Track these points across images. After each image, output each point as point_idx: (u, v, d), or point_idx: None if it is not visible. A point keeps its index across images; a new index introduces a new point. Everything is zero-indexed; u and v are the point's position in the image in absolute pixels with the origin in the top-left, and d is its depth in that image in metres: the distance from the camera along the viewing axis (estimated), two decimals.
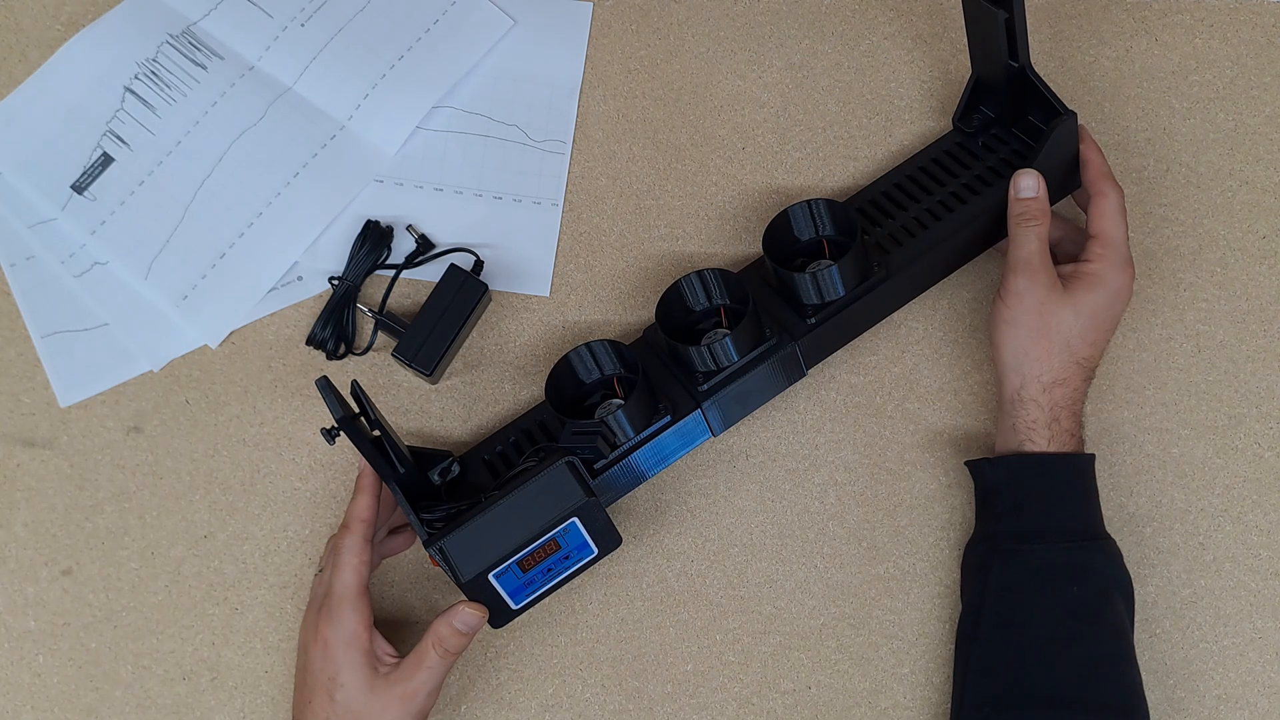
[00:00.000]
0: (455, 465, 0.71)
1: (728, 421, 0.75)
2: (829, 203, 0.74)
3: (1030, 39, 0.83)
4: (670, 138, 0.83)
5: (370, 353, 0.79)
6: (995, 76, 0.77)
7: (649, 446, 0.72)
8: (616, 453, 0.71)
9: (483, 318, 0.80)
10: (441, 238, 0.81)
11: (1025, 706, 0.68)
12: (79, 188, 0.80)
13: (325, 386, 0.67)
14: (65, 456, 0.78)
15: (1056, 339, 0.71)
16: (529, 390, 0.80)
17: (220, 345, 0.79)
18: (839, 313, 0.73)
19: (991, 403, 0.80)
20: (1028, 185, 0.73)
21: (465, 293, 0.77)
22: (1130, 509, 0.79)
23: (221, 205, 0.80)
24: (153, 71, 0.81)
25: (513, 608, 0.69)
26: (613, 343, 0.73)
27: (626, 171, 0.82)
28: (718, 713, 0.77)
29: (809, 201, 0.75)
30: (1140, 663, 0.71)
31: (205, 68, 0.81)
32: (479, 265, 0.79)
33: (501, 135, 0.82)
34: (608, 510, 0.71)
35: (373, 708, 0.66)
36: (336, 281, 0.79)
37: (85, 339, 0.79)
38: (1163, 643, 0.77)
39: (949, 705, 0.75)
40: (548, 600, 0.74)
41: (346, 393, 0.69)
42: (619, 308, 0.81)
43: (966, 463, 0.75)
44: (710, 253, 0.82)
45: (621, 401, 0.73)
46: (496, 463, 0.75)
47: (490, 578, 0.67)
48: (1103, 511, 0.73)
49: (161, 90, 0.81)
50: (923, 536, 0.79)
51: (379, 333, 0.78)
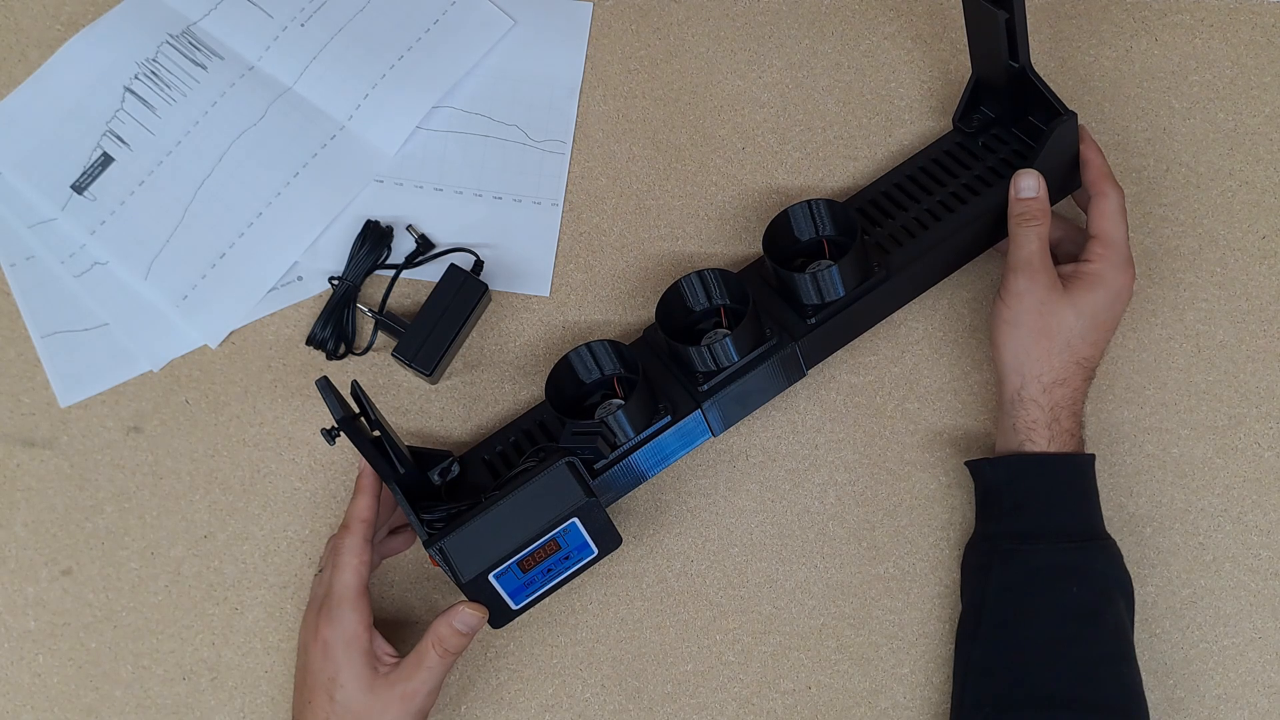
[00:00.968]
0: (455, 465, 0.71)
1: (728, 421, 0.75)
2: (829, 203, 0.74)
3: (1030, 39, 0.83)
4: (670, 138, 0.83)
5: (370, 353, 0.79)
6: (995, 77, 0.77)
7: (649, 447, 0.72)
8: (616, 453, 0.71)
9: (483, 318, 0.80)
10: (441, 238, 0.81)
11: (1025, 706, 0.68)
12: (79, 188, 0.80)
13: (325, 386, 0.66)
14: (65, 456, 0.78)
15: (1057, 339, 0.71)
16: (529, 390, 0.80)
17: (220, 345, 0.79)
18: (839, 313, 0.73)
19: (991, 403, 0.80)
20: (1028, 185, 0.73)
21: (465, 293, 0.77)
22: (1130, 509, 0.79)
23: (221, 205, 0.80)
24: (153, 71, 0.81)
25: (513, 608, 0.69)
26: (613, 343, 0.73)
27: (626, 171, 0.82)
28: (718, 713, 0.77)
29: (809, 202, 0.75)
30: (1140, 663, 0.71)
31: (205, 68, 0.81)
32: (479, 265, 0.79)
33: (501, 135, 0.82)
34: (608, 510, 0.71)
35: (373, 707, 0.67)
36: (336, 281, 0.79)
37: (85, 339, 0.79)
38: (1163, 643, 0.77)
39: (949, 705, 0.75)
40: (548, 600, 0.74)
41: (346, 393, 0.69)
42: (619, 308, 0.81)
43: (967, 463, 0.75)
44: (710, 252, 0.82)
45: (622, 401, 0.73)
46: (497, 463, 0.75)
47: (490, 578, 0.67)
48: (1103, 511, 0.73)
49: (161, 90, 0.81)
50: (923, 536, 0.79)
51: (379, 333, 0.78)
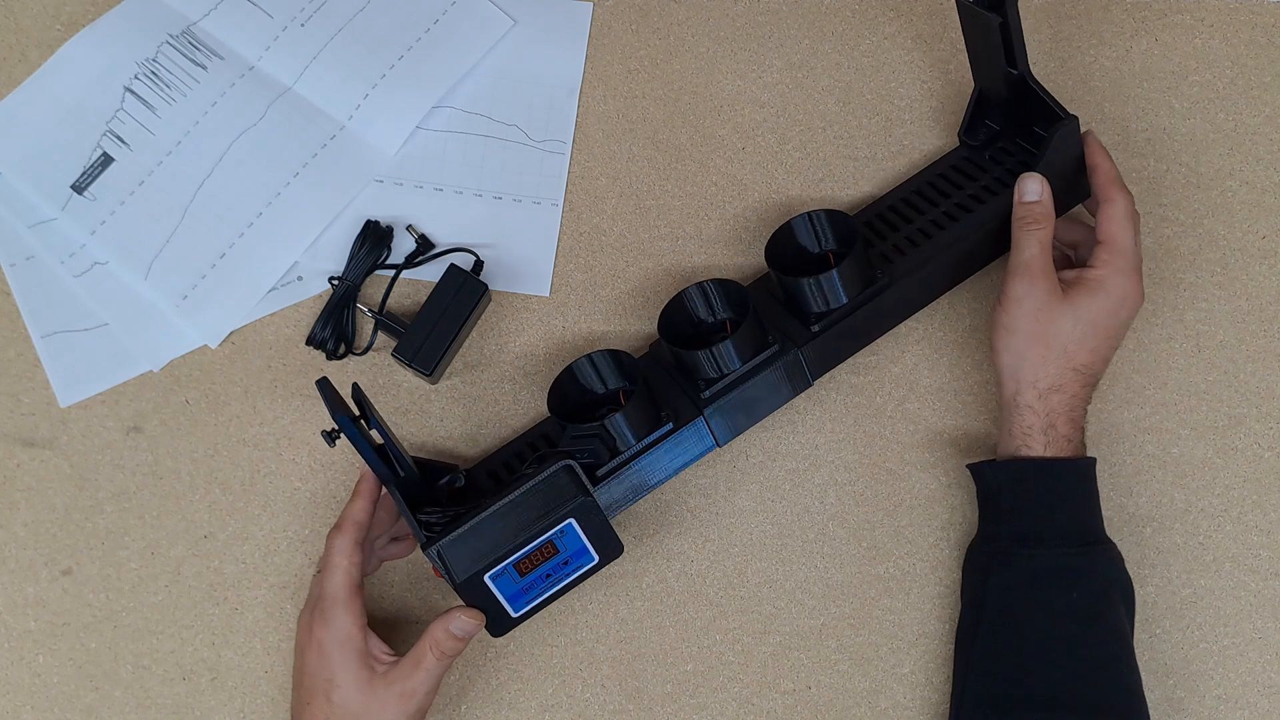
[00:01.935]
0: (461, 478, 0.71)
1: (734, 431, 0.74)
2: (829, 213, 0.74)
3: (1030, 40, 0.84)
4: (670, 138, 0.83)
5: (370, 353, 0.79)
6: (997, 87, 0.77)
7: (652, 455, 0.71)
8: (618, 460, 0.70)
9: (483, 318, 0.80)
10: (441, 238, 0.81)
11: (1025, 708, 0.68)
12: (79, 188, 0.80)
13: (325, 387, 0.66)
14: (65, 456, 0.78)
15: (1054, 345, 0.71)
16: (529, 390, 0.80)
17: (220, 345, 0.79)
18: (843, 320, 0.73)
19: (991, 403, 0.80)
20: (1031, 189, 0.73)
21: (465, 293, 0.77)
22: (1130, 509, 0.79)
23: (221, 205, 0.80)
24: (153, 71, 0.81)
25: (512, 615, 0.69)
26: (614, 352, 0.73)
27: (626, 171, 0.82)
28: (718, 713, 0.77)
29: (809, 213, 0.74)
30: (1140, 663, 0.71)
31: (205, 68, 0.81)
32: (479, 265, 0.79)
33: (501, 135, 0.82)
34: (614, 523, 0.70)
35: (370, 707, 0.67)
36: (336, 281, 0.79)
37: (85, 339, 0.79)
38: (1163, 643, 0.77)
39: (949, 705, 0.75)
40: None
41: (347, 395, 0.69)
42: (619, 308, 0.81)
43: (968, 465, 0.75)
44: (710, 252, 0.82)
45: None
46: (501, 473, 0.75)
47: (486, 580, 0.67)
48: (1103, 512, 0.73)
49: (161, 90, 0.81)
50: (923, 536, 0.79)
51: (379, 333, 0.78)
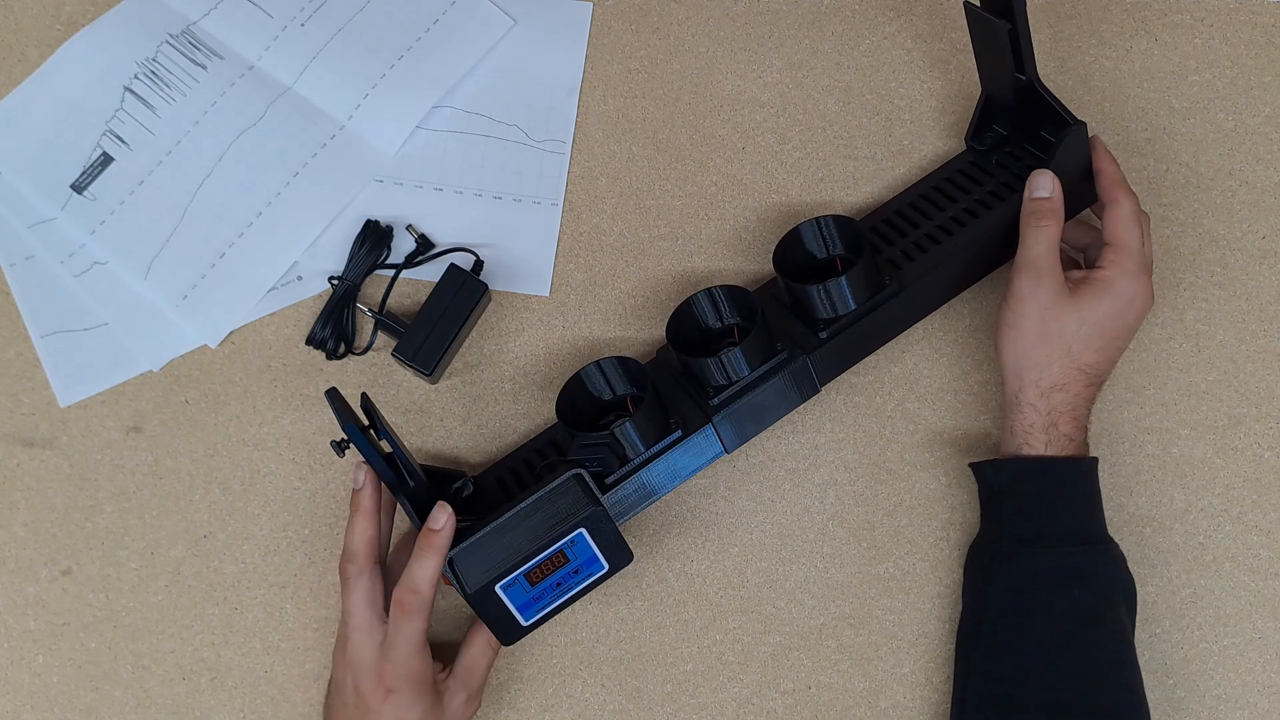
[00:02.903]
0: (469, 484, 0.71)
1: (741, 437, 0.73)
2: (836, 219, 0.74)
3: (1033, 44, 0.83)
4: (670, 138, 0.83)
5: (370, 353, 0.79)
6: (1004, 93, 0.77)
7: (661, 462, 0.71)
8: (627, 467, 0.70)
9: (483, 318, 0.80)
10: (441, 238, 0.81)
11: (1027, 710, 0.68)
12: (79, 187, 0.80)
13: (335, 398, 0.66)
14: (65, 456, 0.78)
15: (1058, 344, 0.71)
16: (529, 390, 0.80)
17: (220, 345, 0.79)
18: (851, 326, 0.73)
19: (992, 402, 0.80)
20: (1042, 185, 0.73)
21: (465, 293, 0.77)
22: (1130, 509, 0.79)
23: (221, 205, 0.80)
24: (152, 71, 0.81)
25: (523, 624, 0.69)
26: (621, 359, 0.73)
27: (626, 171, 0.82)
28: (718, 713, 0.77)
29: (817, 219, 0.74)
30: (1140, 663, 0.71)
31: (205, 67, 0.81)
32: (479, 265, 0.79)
33: (501, 135, 0.82)
34: (621, 530, 0.70)
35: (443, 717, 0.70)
36: (336, 281, 0.79)
37: (85, 339, 0.79)
38: (1163, 643, 0.77)
39: (948, 706, 0.75)
40: None
41: (354, 401, 0.69)
42: (619, 308, 0.81)
43: (970, 465, 0.75)
44: (710, 252, 0.82)
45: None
46: (509, 481, 0.75)
47: (497, 590, 0.67)
48: (1104, 512, 0.73)
49: (161, 90, 0.81)
50: (923, 536, 0.79)
51: (379, 333, 0.78)
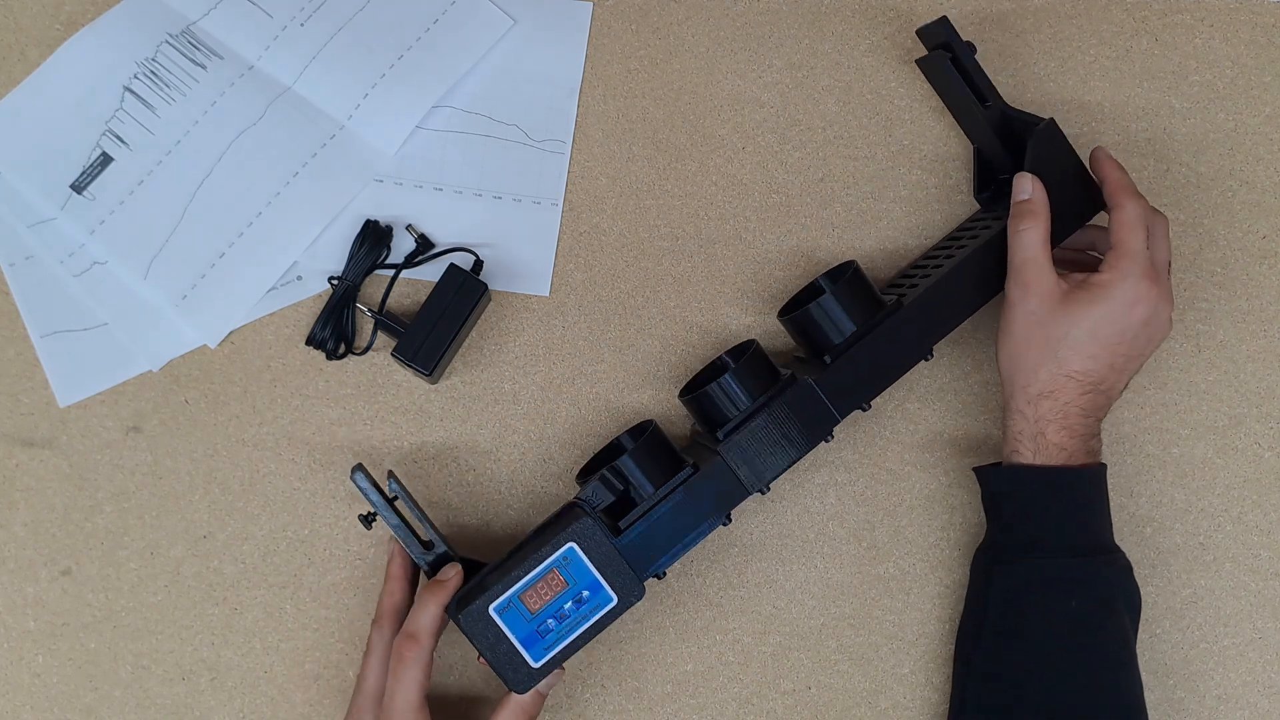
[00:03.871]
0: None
1: (760, 471, 0.70)
2: (830, 272, 0.75)
3: (1029, 40, 0.84)
4: (670, 138, 0.83)
5: (370, 353, 0.79)
6: (985, 132, 0.78)
7: (677, 503, 0.69)
8: (639, 509, 0.69)
9: (483, 318, 0.80)
10: (441, 238, 0.81)
11: (1024, 717, 0.68)
12: (78, 187, 0.79)
13: (362, 475, 0.69)
14: (64, 456, 0.78)
15: (1045, 350, 0.69)
16: (528, 390, 0.80)
17: (220, 345, 0.79)
18: (854, 345, 0.72)
19: (993, 403, 0.80)
20: (1022, 188, 0.72)
21: (465, 293, 0.77)
22: (1131, 509, 0.79)
23: (221, 205, 0.80)
24: (152, 71, 0.81)
25: (533, 666, 0.67)
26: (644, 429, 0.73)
27: (626, 171, 0.82)
28: (718, 713, 0.77)
29: (818, 301, 0.73)
30: (1140, 663, 0.71)
31: (205, 67, 0.81)
32: (479, 265, 0.79)
33: (501, 135, 0.82)
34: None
35: None
36: (336, 281, 0.79)
37: (84, 339, 0.79)
38: (1163, 643, 0.77)
39: (948, 706, 0.75)
40: None
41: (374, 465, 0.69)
42: (619, 308, 0.81)
43: (974, 469, 0.75)
44: (710, 253, 0.81)
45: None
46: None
47: (492, 614, 0.66)
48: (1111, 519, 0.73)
49: (161, 90, 0.81)
50: (923, 537, 0.79)
51: (379, 332, 0.78)
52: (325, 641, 0.77)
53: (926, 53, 0.79)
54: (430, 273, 0.80)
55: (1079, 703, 0.67)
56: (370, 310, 0.78)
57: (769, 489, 0.72)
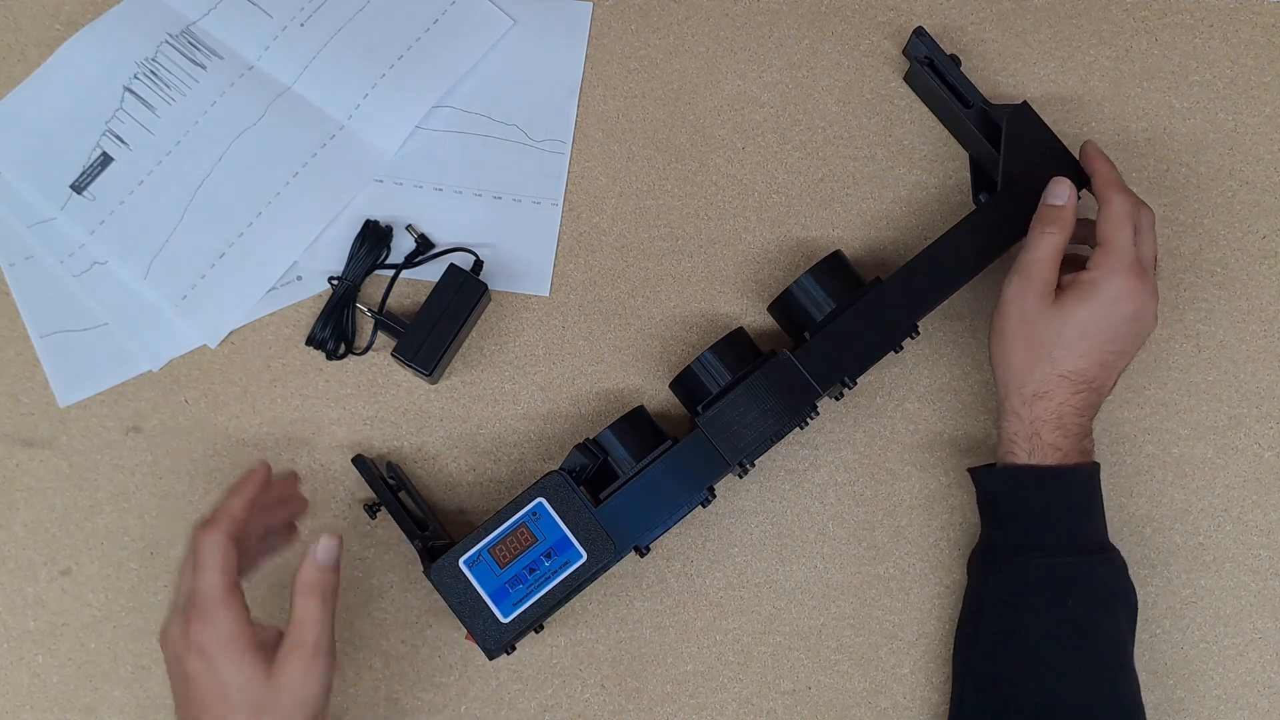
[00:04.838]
0: None
1: (739, 446, 0.71)
2: (815, 267, 0.75)
3: (1029, 40, 0.84)
4: (670, 138, 0.83)
5: (370, 353, 0.79)
6: (972, 135, 0.78)
7: (656, 475, 0.70)
8: (617, 482, 0.71)
9: (483, 318, 0.80)
10: (441, 238, 0.81)
11: (1021, 717, 0.68)
12: (78, 187, 0.80)
13: (362, 465, 0.71)
14: (64, 456, 0.78)
15: (1039, 350, 0.70)
16: (529, 390, 0.79)
17: (219, 345, 0.79)
18: (834, 320, 0.73)
19: (991, 403, 0.80)
20: (1058, 193, 0.72)
21: (465, 293, 0.77)
22: (1130, 509, 0.79)
23: (221, 205, 0.80)
24: (152, 71, 0.81)
25: (502, 621, 0.67)
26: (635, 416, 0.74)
27: (626, 171, 0.82)
28: (717, 713, 0.77)
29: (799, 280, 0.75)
30: (1140, 663, 0.71)
31: (204, 67, 0.81)
32: (479, 265, 0.79)
33: (501, 135, 0.82)
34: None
35: (281, 694, 0.61)
36: (336, 281, 0.79)
37: (84, 339, 0.79)
38: (1163, 643, 0.77)
39: (948, 706, 0.75)
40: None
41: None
42: (619, 308, 0.81)
43: (969, 470, 0.75)
44: (710, 253, 0.82)
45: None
46: None
47: (462, 566, 0.67)
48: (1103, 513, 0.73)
49: (161, 90, 0.81)
50: (923, 536, 0.79)
51: (379, 332, 0.78)
52: None
53: (916, 72, 0.81)
54: (430, 273, 0.80)
55: (1075, 703, 0.67)
56: (370, 310, 0.78)
57: (752, 466, 0.73)
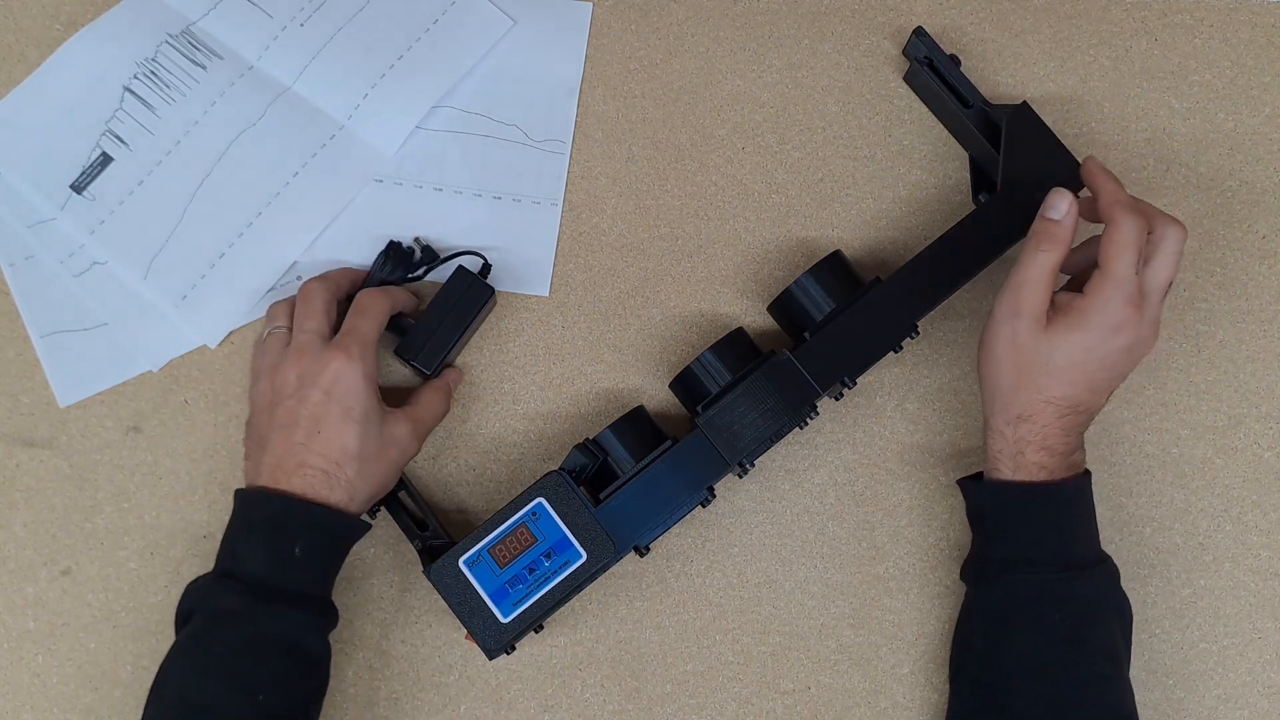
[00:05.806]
0: None
1: (739, 447, 0.71)
2: (815, 267, 0.75)
3: (1029, 40, 0.84)
4: (670, 138, 0.83)
5: None
6: (972, 136, 0.78)
7: (656, 475, 0.71)
8: (617, 482, 0.71)
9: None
10: (441, 238, 0.81)
11: None
12: (78, 187, 0.79)
13: None
14: (64, 456, 0.78)
15: (1025, 375, 0.68)
16: (528, 390, 0.79)
17: (219, 345, 0.79)
18: (833, 320, 0.73)
19: None
20: (1056, 206, 0.68)
21: (472, 295, 0.76)
22: (1130, 509, 0.79)
23: (221, 205, 0.80)
24: (152, 71, 0.81)
25: (502, 621, 0.68)
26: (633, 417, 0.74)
27: (626, 171, 0.82)
28: (717, 713, 0.77)
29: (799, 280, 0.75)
30: (1140, 663, 0.70)
31: (205, 67, 0.81)
32: (486, 268, 0.79)
33: (501, 135, 0.82)
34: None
35: (394, 429, 0.72)
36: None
37: (84, 339, 0.79)
38: (1163, 643, 0.77)
39: (947, 705, 0.75)
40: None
41: None
42: (619, 308, 0.81)
43: (958, 481, 0.74)
44: (709, 253, 0.82)
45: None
46: None
47: (462, 566, 0.67)
48: (1103, 513, 0.72)
49: (161, 90, 0.81)
50: (923, 536, 0.79)
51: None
52: None
53: (915, 72, 0.81)
54: (436, 273, 0.79)
55: (1065, 714, 0.67)
56: None
57: (752, 466, 0.73)
